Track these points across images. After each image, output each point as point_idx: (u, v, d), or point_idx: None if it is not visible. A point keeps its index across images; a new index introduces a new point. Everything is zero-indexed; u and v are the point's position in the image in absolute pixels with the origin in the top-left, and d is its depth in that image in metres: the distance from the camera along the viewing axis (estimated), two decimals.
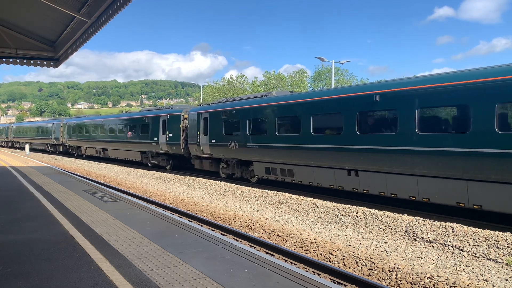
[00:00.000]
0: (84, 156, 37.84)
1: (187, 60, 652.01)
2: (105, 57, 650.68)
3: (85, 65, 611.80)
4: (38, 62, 12.72)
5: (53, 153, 45.54)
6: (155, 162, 26.00)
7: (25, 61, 12.31)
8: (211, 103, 22.78)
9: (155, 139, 24.78)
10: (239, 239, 9.45)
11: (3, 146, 66.58)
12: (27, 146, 47.76)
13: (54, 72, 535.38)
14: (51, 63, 13.01)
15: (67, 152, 42.28)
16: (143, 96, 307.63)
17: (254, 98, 18.89)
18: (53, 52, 12.28)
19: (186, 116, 22.70)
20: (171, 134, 23.33)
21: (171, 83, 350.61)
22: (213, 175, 21.16)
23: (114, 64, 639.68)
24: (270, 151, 16.30)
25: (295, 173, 15.39)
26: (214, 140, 19.83)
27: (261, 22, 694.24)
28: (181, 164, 25.11)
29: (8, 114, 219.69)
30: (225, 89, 56.45)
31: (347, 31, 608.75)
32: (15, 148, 59.83)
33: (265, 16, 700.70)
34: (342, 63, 39.90)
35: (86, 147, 36.70)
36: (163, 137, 24.10)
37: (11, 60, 12.06)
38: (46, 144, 47.40)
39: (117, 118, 32.09)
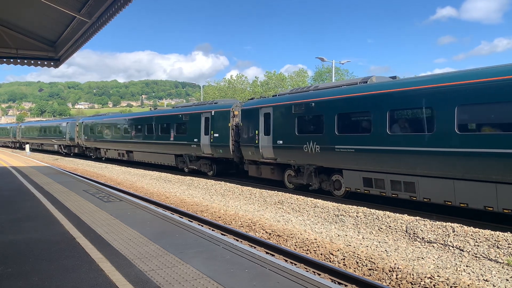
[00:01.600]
0: (103, 159, 33.86)
1: (189, 60, 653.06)
2: (107, 57, 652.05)
3: (87, 65, 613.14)
4: (39, 62, 12.72)
5: (67, 155, 41.79)
6: (193, 167, 22.08)
7: (25, 61, 12.31)
8: (274, 95, 18.53)
9: (195, 140, 20.88)
10: (240, 239, 9.45)
11: (11, 147, 62.54)
12: (27, 146, 47.41)
13: (56, 72, 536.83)
14: (52, 63, 13.01)
15: (83, 154, 38.14)
16: (143, 96, 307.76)
17: (343, 87, 14.50)
18: (53, 52, 12.28)
19: (237, 113, 18.93)
20: (216, 135, 19.40)
21: (172, 83, 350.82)
22: (275, 184, 17.32)
23: (116, 64, 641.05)
24: (375, 156, 12.26)
25: (418, 187, 11.33)
26: (280, 142, 15.85)
27: (263, 22, 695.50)
28: (226, 169, 21.25)
29: (8, 114, 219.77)
30: (226, 89, 56.48)
31: (348, 31, 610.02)
32: (24, 149, 54.07)
33: (266, 16, 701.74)
34: (343, 63, 39.97)
35: (107, 149, 32.43)
36: (205, 138, 20.29)
37: (11, 60, 12.06)
38: (60, 145, 43.23)
39: (145, 116, 27.48)
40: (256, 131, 17.04)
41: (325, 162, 14.24)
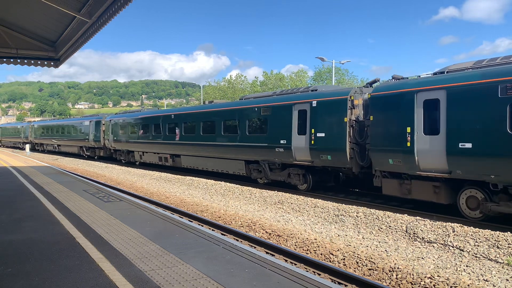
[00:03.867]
0: (137, 163, 28.41)
1: (190, 60, 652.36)
2: (108, 58, 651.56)
3: (88, 65, 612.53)
4: (39, 62, 12.72)
5: (90, 158, 35.85)
6: (276, 178, 16.59)
7: (25, 61, 12.30)
8: (449, 71, 11.42)
9: (282, 142, 15.55)
10: (240, 239, 9.45)
11: (22, 149, 55.56)
12: (27, 146, 46.73)
13: (58, 72, 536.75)
14: (52, 63, 13.01)
15: (110, 157, 32.78)
16: (143, 96, 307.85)
17: None
18: (53, 52, 12.28)
19: (357, 102, 13.56)
20: (320, 134, 14.10)
21: (172, 83, 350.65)
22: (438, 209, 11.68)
23: (117, 65, 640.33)
24: None
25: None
26: (468, 145, 10.07)
27: (264, 23, 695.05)
28: (323, 181, 15.70)
29: (8, 114, 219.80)
30: (226, 89, 56.49)
31: (349, 32, 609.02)
32: (37, 151, 50.37)
33: (267, 16, 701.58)
34: (343, 63, 39.95)
35: (143, 152, 26.82)
36: (300, 139, 14.90)
37: (11, 60, 12.06)
38: (81, 147, 37.04)
39: (200, 111, 21.59)
40: (408, 128, 11.32)
41: None
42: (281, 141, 15.58)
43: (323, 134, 14.06)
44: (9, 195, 11.16)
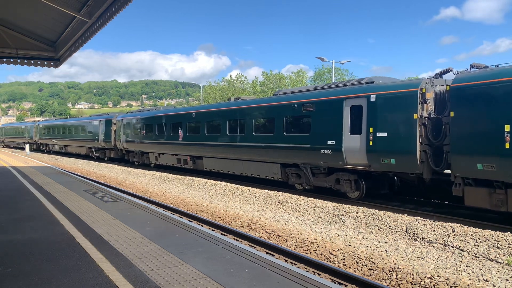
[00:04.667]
0: (152, 165, 26.83)
1: (191, 60, 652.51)
2: (109, 58, 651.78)
3: (88, 65, 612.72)
4: (39, 62, 12.72)
5: (99, 160, 34.08)
6: (319, 184, 14.44)
7: (25, 61, 12.30)
8: None
9: (330, 142, 13.37)
10: (240, 239, 9.45)
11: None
12: (27, 146, 46.40)
13: (58, 72, 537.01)
14: (52, 63, 13.01)
15: (122, 159, 30.84)
16: (143, 96, 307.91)
17: None
18: (53, 52, 12.27)
19: (429, 95, 11.36)
20: (381, 134, 11.95)
21: (172, 83, 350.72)
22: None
23: (118, 65, 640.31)
24: None
25: None
26: None
27: (264, 23, 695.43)
28: (375, 188, 13.61)
29: (8, 114, 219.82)
30: (226, 89, 56.49)
31: (350, 32, 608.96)
32: (42, 151, 48.26)
33: (267, 16, 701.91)
34: (343, 63, 39.95)
35: (159, 154, 24.89)
36: (353, 140, 12.77)
37: (11, 60, 12.05)
38: (90, 148, 35.20)
39: (226, 109, 19.13)
40: (507, 127, 9.38)
41: None
42: (329, 142, 13.42)
43: (384, 134, 11.91)
44: (9, 195, 11.16)
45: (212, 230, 9.55)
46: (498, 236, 8.52)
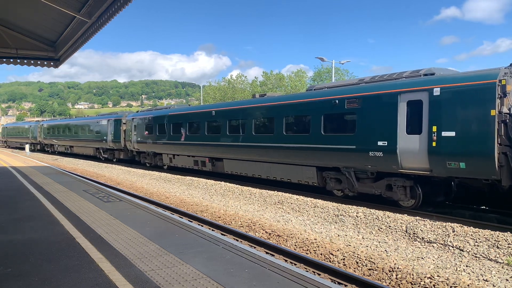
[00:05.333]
0: (165, 167, 24.81)
1: (191, 60, 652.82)
2: (109, 58, 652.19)
3: (89, 65, 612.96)
4: (39, 62, 12.72)
5: (107, 161, 32.37)
6: (365, 190, 12.78)
7: (25, 61, 12.30)
8: None
9: (381, 143, 11.81)
10: (239, 239, 9.45)
11: (30, 150, 50.14)
12: (27, 146, 46.03)
13: (59, 73, 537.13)
14: (52, 63, 13.01)
15: (132, 160, 29.30)
16: (143, 96, 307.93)
17: None
18: (53, 52, 12.28)
19: (510, 87, 9.82)
20: (448, 133, 10.46)
21: (171, 83, 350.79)
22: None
23: (118, 65, 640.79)
24: None
25: None
26: None
27: (264, 23, 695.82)
28: (431, 195, 12.04)
29: (8, 114, 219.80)
30: (226, 89, 56.50)
31: (350, 32, 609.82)
32: (47, 152, 46.82)
33: (267, 16, 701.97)
34: (343, 63, 39.96)
35: (173, 155, 23.13)
36: (409, 140, 11.27)
37: (11, 60, 12.06)
38: (97, 149, 33.61)
39: (252, 106, 17.42)
40: None
41: None
42: (379, 143, 11.78)
43: (452, 133, 10.26)
44: (9, 195, 11.15)
45: (212, 230, 9.55)
46: (498, 236, 8.52)
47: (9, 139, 63.81)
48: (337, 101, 13.25)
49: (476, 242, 8.54)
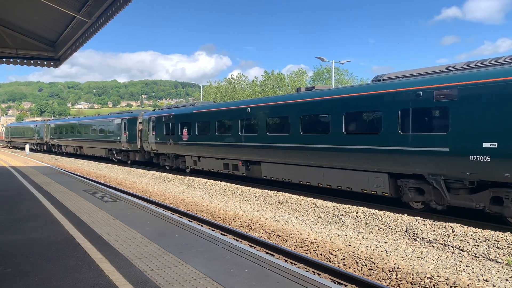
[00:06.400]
0: (187, 170, 22.80)
1: (192, 60, 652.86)
2: (110, 58, 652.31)
3: (89, 65, 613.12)
4: (38, 62, 12.72)
5: (121, 163, 30.25)
6: (468, 204, 10.28)
7: (25, 61, 12.31)
8: None
9: (490, 145, 9.50)
10: (239, 239, 9.45)
11: (37, 151, 49.78)
12: (27, 146, 45.62)
13: (59, 72, 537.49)
14: (52, 63, 13.01)
15: (149, 162, 27.31)
16: (143, 96, 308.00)
17: None
18: (53, 52, 12.28)
19: None
20: None
21: (171, 83, 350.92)
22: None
23: (118, 65, 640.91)
24: None
25: None
26: None
27: (264, 23, 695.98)
28: None
29: (8, 114, 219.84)
30: (226, 89, 56.51)
31: (350, 32, 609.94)
32: (54, 153, 44.76)
33: (267, 16, 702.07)
34: (342, 63, 39.96)
35: (199, 157, 20.97)
36: None
37: (11, 60, 12.06)
38: (110, 150, 31.52)
39: (299, 102, 15.16)
40: None
41: None
42: (485, 145, 9.42)
43: None
44: (8, 195, 11.15)
45: (212, 230, 9.55)
46: (498, 236, 8.52)
47: (13, 139, 61.78)
48: (420, 92, 10.80)
49: (476, 242, 8.54)
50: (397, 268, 7.42)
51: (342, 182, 13.33)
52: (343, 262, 8.07)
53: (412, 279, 6.98)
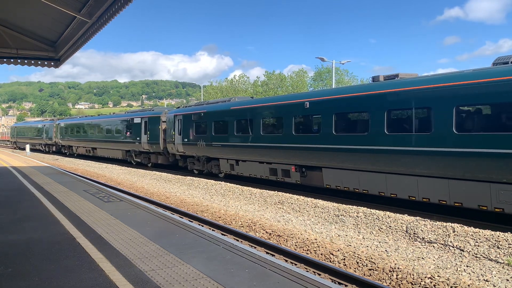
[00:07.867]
0: (222, 175, 20.28)
1: (193, 61, 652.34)
2: (111, 58, 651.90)
3: (90, 65, 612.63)
4: (39, 62, 12.73)
5: (140, 165, 27.90)
6: None
7: (25, 61, 12.32)
8: None
9: None
10: (240, 239, 9.46)
11: (45, 152, 47.61)
12: (27, 146, 45.64)
13: (60, 73, 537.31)
14: (52, 63, 13.02)
15: (174, 165, 24.97)
16: (143, 96, 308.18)
17: None
18: (53, 52, 12.29)
19: None
20: None
21: (172, 83, 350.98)
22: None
23: (120, 65, 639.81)
24: None
25: None
26: None
27: (264, 23, 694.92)
28: None
29: (9, 114, 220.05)
30: (227, 88, 56.54)
31: (351, 32, 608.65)
32: (65, 154, 42.39)
33: (268, 16, 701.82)
34: (343, 63, 39.93)
35: (237, 160, 18.31)
36: None
37: (11, 60, 12.07)
38: (128, 151, 28.84)
39: (378, 93, 12.08)
40: None
41: None
42: None
43: None
44: (9, 195, 11.16)
45: (212, 230, 9.55)
46: (498, 236, 8.51)
47: (19, 139, 58.77)
48: None
49: (477, 242, 8.53)
50: (398, 268, 7.42)
51: (436, 193, 10.55)
52: (344, 262, 8.06)
53: (413, 279, 6.98)
